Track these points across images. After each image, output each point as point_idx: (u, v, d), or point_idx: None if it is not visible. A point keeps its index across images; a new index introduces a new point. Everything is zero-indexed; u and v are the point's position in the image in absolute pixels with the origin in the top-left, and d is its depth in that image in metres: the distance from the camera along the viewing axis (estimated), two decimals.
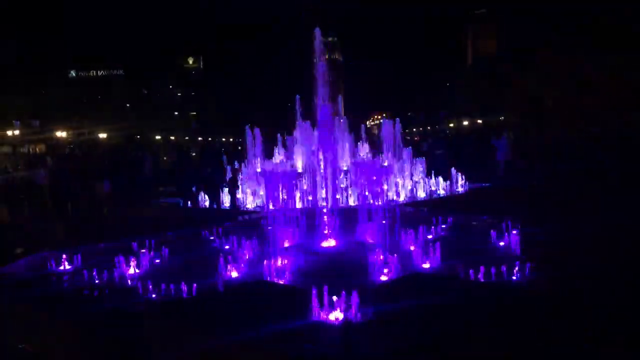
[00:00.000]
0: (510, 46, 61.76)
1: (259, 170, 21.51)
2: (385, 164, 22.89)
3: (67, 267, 8.64)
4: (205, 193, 15.66)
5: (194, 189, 15.38)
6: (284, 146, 22.78)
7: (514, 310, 4.71)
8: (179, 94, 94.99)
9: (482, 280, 6.59)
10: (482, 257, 7.52)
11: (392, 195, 15.45)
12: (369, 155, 24.08)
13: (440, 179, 17.24)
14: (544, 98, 52.33)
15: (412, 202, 15.52)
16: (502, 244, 8.95)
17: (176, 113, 78.62)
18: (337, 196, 14.03)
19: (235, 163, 19.20)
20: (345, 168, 20.76)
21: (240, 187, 18.31)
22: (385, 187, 12.23)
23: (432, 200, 15.52)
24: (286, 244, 9.02)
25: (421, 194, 16.75)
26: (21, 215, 16.90)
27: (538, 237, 8.85)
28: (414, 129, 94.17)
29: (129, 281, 7.92)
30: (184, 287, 6.86)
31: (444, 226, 10.54)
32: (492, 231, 9.24)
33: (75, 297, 7.02)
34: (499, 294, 6.08)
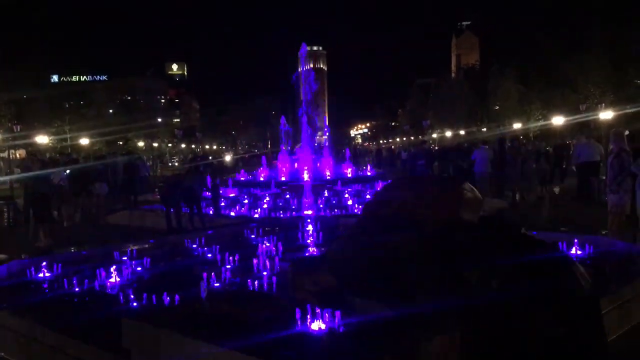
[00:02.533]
0: (494, 58, 62.43)
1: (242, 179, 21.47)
2: (369, 173, 23.00)
3: (47, 274, 8.55)
4: (187, 202, 15.59)
5: (176, 197, 15.30)
6: (268, 161, 22.83)
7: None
8: (162, 101, 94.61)
9: None
10: None
11: None
12: (352, 166, 24.15)
13: None
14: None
15: None
16: None
17: (160, 120, 78.26)
18: (320, 206, 14.03)
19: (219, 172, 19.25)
20: (328, 177, 20.77)
21: (222, 196, 18.29)
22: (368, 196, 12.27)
23: None
24: (269, 253, 9.00)
25: None
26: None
27: None
28: (397, 139, 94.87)
29: (109, 290, 7.87)
30: (165, 296, 6.82)
31: None
32: None
33: (53, 305, 6.95)
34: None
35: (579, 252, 8.75)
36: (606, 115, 38.70)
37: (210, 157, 51.20)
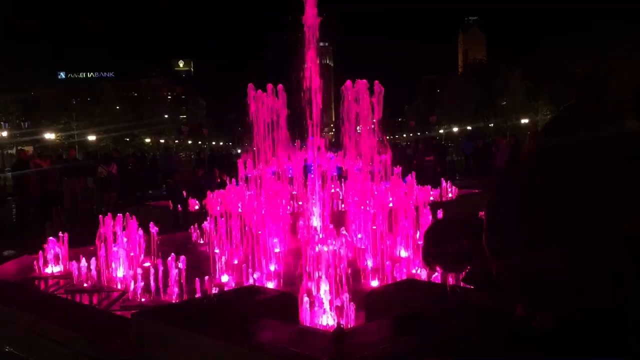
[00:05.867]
0: (501, 53, 62.14)
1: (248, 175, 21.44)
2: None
3: (55, 270, 8.56)
4: (194, 197, 15.59)
5: (184, 193, 15.29)
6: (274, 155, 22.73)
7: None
8: (169, 97, 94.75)
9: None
10: None
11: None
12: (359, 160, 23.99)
13: (430, 185, 17.18)
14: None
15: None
16: None
17: (166, 116, 78.40)
18: (328, 200, 13.95)
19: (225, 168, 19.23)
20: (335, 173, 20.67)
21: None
22: (376, 192, 12.22)
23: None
24: (277, 249, 8.98)
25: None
26: None
27: None
28: (404, 135, 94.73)
29: (117, 285, 7.87)
30: (175, 292, 6.82)
31: None
32: None
33: (61, 300, 6.95)
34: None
35: None
36: None
37: (222, 153, 51.14)
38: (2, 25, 40.29)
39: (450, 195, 17.13)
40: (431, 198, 16.49)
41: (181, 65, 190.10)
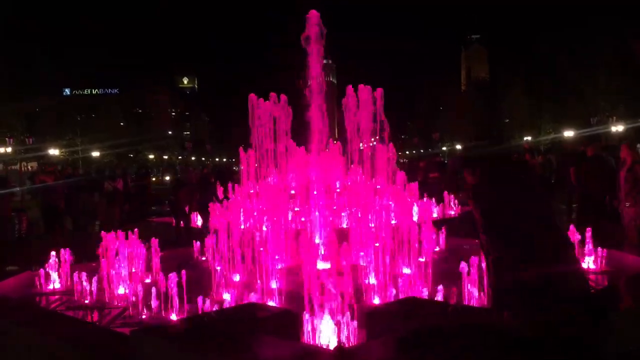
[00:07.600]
0: (503, 69, 62.13)
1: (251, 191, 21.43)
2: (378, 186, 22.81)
3: (57, 286, 8.54)
4: (198, 213, 15.59)
5: (186, 208, 15.29)
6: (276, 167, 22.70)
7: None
8: (172, 114, 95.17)
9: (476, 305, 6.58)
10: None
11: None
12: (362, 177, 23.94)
13: (434, 201, 17.08)
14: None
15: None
16: None
17: (170, 132, 78.70)
18: (330, 218, 13.94)
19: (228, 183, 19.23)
20: (338, 190, 20.63)
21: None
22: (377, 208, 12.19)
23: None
24: (279, 265, 8.94)
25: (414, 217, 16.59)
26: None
27: None
28: (407, 152, 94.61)
29: (118, 301, 7.84)
30: (175, 308, 6.79)
31: (436, 249, 10.43)
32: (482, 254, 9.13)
33: (62, 316, 6.92)
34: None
35: (592, 267, 8.65)
36: (617, 127, 38.41)
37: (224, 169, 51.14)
38: (2, 25, 40.48)
39: (452, 212, 17.04)
40: (435, 215, 16.42)
41: (185, 82, 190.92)
